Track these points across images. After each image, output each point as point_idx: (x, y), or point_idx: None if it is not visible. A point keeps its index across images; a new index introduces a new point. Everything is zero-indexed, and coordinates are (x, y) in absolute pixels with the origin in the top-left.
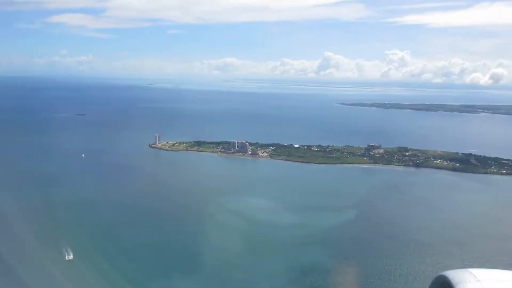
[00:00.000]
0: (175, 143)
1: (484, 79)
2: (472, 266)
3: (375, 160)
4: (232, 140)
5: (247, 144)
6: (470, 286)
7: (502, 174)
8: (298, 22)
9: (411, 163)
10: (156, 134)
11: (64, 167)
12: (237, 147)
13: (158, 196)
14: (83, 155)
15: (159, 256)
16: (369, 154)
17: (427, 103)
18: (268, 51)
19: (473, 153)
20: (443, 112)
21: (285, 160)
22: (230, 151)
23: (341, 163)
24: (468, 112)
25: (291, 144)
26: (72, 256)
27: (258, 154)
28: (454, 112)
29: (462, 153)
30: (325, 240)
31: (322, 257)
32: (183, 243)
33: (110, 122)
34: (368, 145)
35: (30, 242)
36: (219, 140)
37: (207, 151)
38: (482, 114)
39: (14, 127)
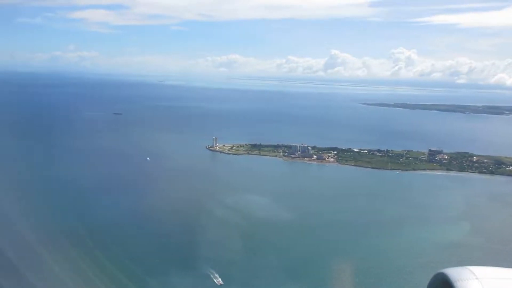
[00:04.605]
0: (233, 146)
1: (510, 80)
2: None
3: (446, 166)
4: (292, 144)
5: (309, 148)
6: (468, 284)
7: None
8: (301, 20)
9: (485, 170)
10: (214, 137)
11: (140, 173)
12: (299, 151)
13: (258, 206)
14: (148, 158)
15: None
16: (434, 160)
17: (449, 103)
18: (273, 48)
19: None
20: (471, 113)
21: (354, 165)
22: (294, 155)
23: (413, 169)
24: (495, 113)
25: (350, 148)
26: (221, 280)
27: (324, 158)
28: (483, 114)
29: None
30: (465, 258)
31: None
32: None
33: (151, 123)
34: (430, 150)
35: (170, 265)
36: (275, 143)
37: (270, 155)
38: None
39: (59, 128)
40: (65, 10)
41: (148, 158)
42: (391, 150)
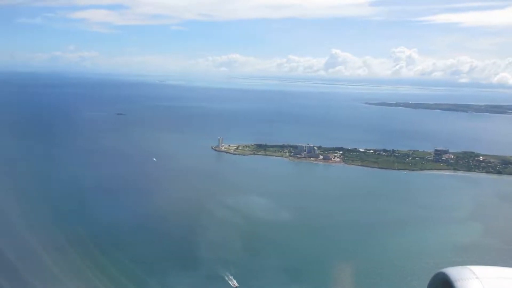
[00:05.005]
0: (239, 147)
1: None
2: None
3: (453, 166)
4: (298, 144)
5: (315, 148)
6: (469, 283)
7: None
8: (302, 19)
9: (492, 170)
10: (219, 137)
11: (148, 174)
12: (305, 151)
13: (266, 207)
14: (154, 159)
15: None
16: (441, 160)
17: (451, 102)
18: (273, 48)
19: None
20: (474, 112)
21: (361, 166)
22: (300, 156)
23: (420, 169)
24: (498, 113)
25: (356, 148)
26: (235, 282)
27: (330, 158)
28: (485, 113)
29: None
30: (472, 258)
31: None
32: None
33: (154, 123)
34: (436, 150)
35: (185, 266)
36: (280, 143)
37: (275, 155)
38: None
39: (62, 128)
40: (66, 10)
41: (154, 159)
42: (397, 150)
